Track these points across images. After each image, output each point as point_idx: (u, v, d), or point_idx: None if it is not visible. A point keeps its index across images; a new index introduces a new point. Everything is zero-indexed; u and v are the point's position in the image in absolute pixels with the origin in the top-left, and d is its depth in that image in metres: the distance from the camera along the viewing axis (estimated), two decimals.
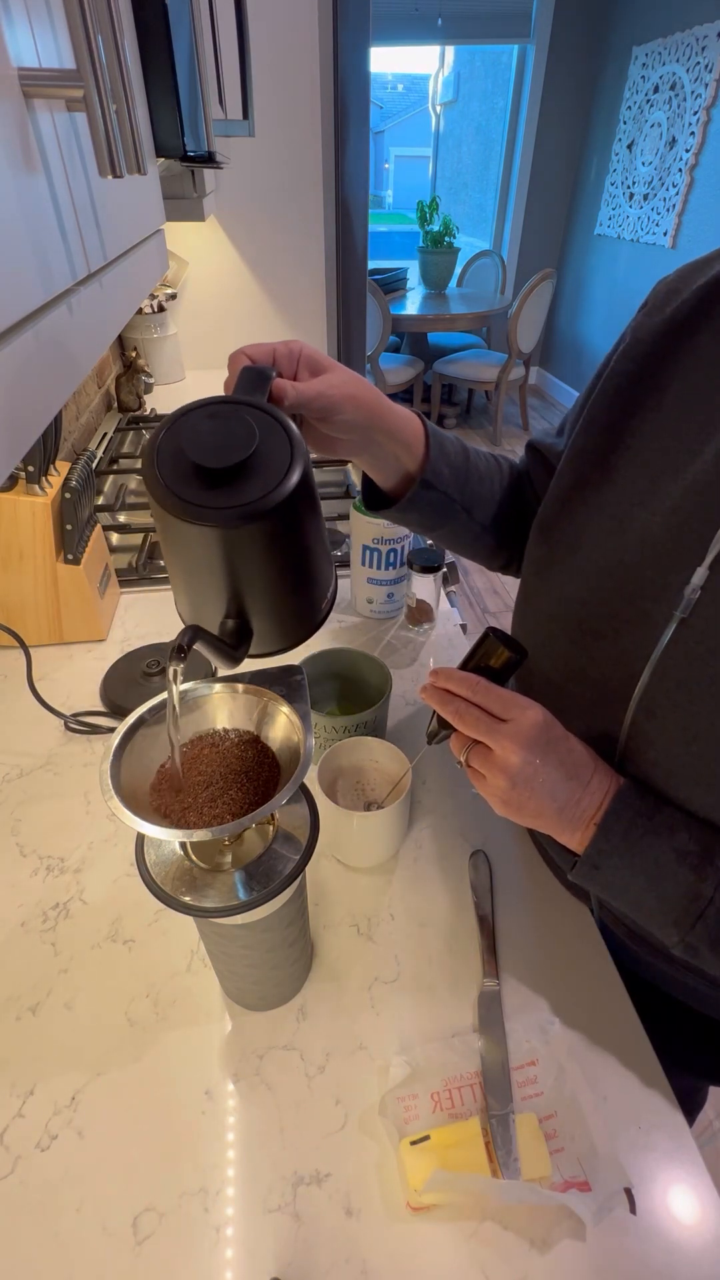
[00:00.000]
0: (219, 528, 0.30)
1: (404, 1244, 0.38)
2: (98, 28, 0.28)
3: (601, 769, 0.42)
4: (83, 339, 0.36)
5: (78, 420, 1.28)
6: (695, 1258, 0.38)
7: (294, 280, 1.71)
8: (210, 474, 0.31)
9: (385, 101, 13.57)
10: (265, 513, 0.30)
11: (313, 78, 1.46)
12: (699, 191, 3.00)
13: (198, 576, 0.35)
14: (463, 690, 0.43)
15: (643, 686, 0.41)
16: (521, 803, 0.41)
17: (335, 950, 0.53)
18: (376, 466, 0.52)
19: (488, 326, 4.10)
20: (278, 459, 0.31)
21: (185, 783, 0.38)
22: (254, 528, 0.30)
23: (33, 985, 0.50)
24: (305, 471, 0.32)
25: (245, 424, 0.31)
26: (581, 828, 0.41)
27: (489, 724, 0.41)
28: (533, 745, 0.40)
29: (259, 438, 0.31)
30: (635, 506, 0.43)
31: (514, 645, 0.43)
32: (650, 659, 0.41)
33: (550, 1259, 0.38)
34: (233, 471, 0.31)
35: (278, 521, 0.31)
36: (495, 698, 0.42)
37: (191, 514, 0.30)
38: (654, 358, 0.44)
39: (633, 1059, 0.46)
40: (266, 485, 0.31)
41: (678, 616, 0.39)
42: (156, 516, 0.32)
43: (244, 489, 0.30)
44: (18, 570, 0.75)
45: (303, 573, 0.36)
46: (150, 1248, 0.38)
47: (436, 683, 0.44)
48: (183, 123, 0.59)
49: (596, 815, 0.41)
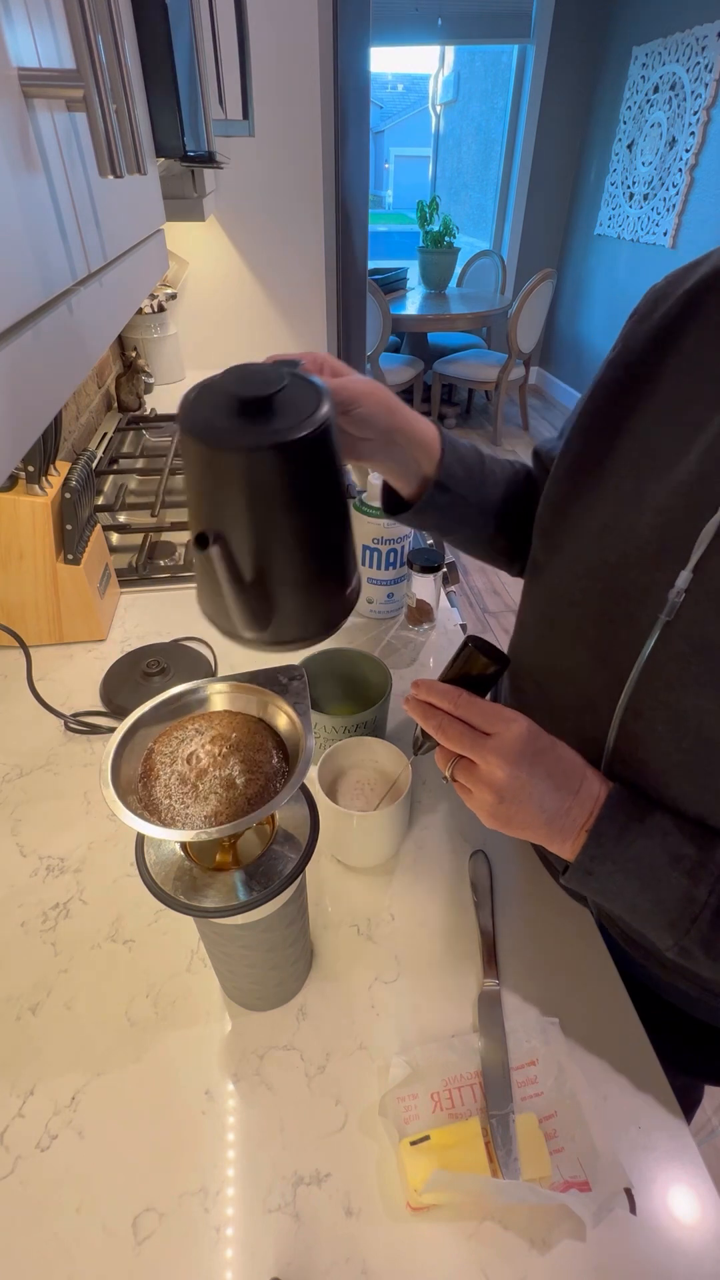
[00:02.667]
0: (244, 451, 0.31)
1: (404, 1244, 0.38)
2: (98, 28, 0.28)
3: (591, 776, 0.42)
4: (83, 339, 0.36)
5: (78, 420, 1.28)
6: (695, 1258, 0.38)
7: (294, 280, 1.71)
8: (242, 405, 0.32)
9: (385, 101, 13.57)
10: (290, 442, 0.31)
11: (313, 78, 1.46)
12: (699, 191, 3.00)
13: (225, 524, 0.34)
14: (444, 704, 0.42)
15: (630, 688, 0.42)
16: (510, 816, 0.41)
17: (335, 950, 0.53)
18: (396, 471, 0.53)
19: (488, 326, 4.10)
20: (306, 405, 0.33)
21: (189, 775, 0.38)
22: (277, 456, 0.31)
23: (33, 985, 0.50)
24: (329, 418, 0.33)
25: (276, 372, 0.33)
26: (573, 836, 0.41)
27: (473, 738, 0.41)
28: (518, 759, 0.40)
29: (288, 381, 0.33)
30: (623, 509, 0.43)
31: (495, 654, 0.43)
32: (637, 661, 0.41)
33: (550, 1259, 0.38)
34: (263, 404, 0.32)
35: (301, 453, 0.32)
36: (478, 711, 0.41)
37: (221, 440, 0.31)
38: (642, 363, 0.45)
39: (632, 1059, 0.46)
40: (292, 420, 0.32)
41: (662, 620, 0.39)
42: (190, 461, 0.33)
43: (272, 423, 0.32)
44: (18, 570, 0.75)
45: (325, 532, 0.36)
46: (150, 1248, 0.38)
47: (418, 695, 0.43)
48: (183, 123, 0.59)
49: (588, 822, 0.40)
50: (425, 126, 6.69)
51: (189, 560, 0.98)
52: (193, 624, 0.87)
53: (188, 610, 0.90)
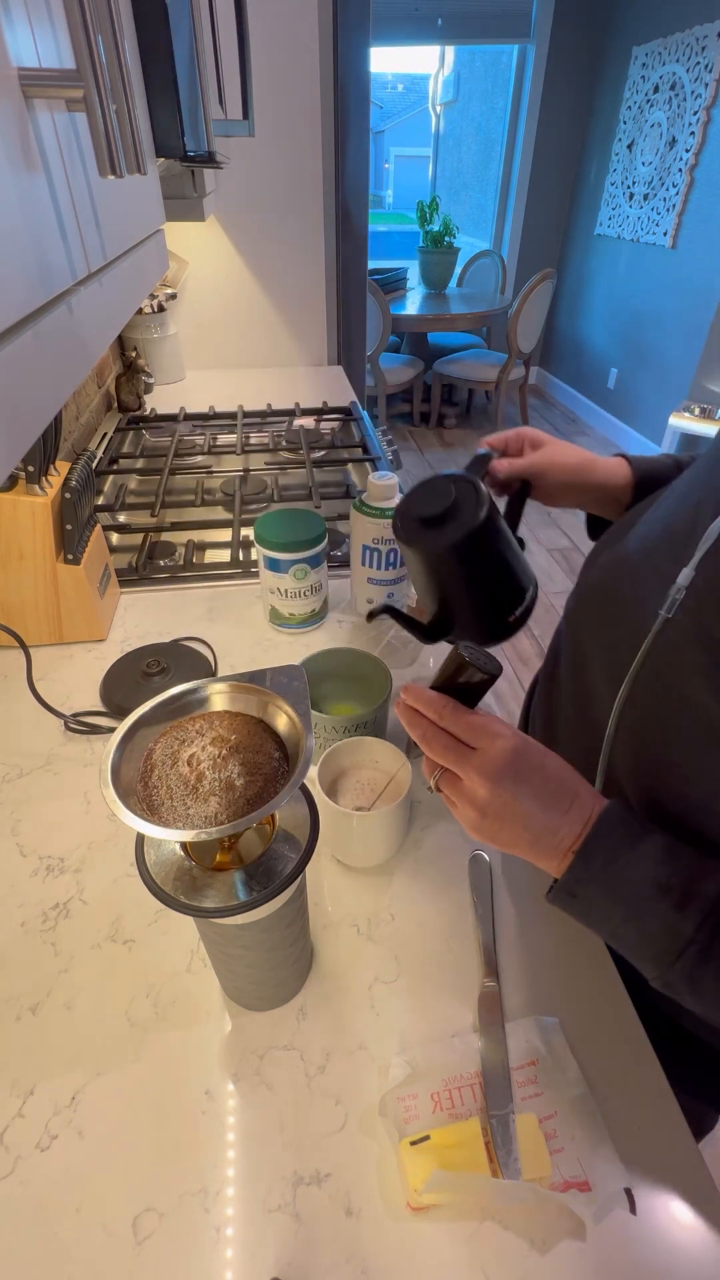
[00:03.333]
0: (423, 549, 0.47)
1: (404, 1244, 0.38)
2: (98, 28, 0.28)
3: (584, 795, 0.40)
4: (83, 339, 0.36)
5: (78, 420, 1.28)
6: (695, 1258, 0.38)
7: (294, 280, 1.71)
8: (422, 521, 0.47)
9: (385, 101, 13.56)
10: (454, 545, 0.45)
11: (313, 77, 1.46)
12: (699, 191, 3.00)
13: (420, 583, 0.52)
14: (430, 713, 0.41)
15: (630, 678, 0.42)
16: (493, 834, 0.40)
17: (335, 950, 0.53)
18: (597, 507, 0.63)
19: (488, 326, 4.10)
20: (467, 513, 0.46)
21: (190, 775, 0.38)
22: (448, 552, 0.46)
23: (33, 985, 0.50)
24: (481, 521, 0.45)
25: (447, 488, 0.47)
26: (559, 856, 0.39)
27: (457, 752, 0.40)
28: (500, 778, 0.39)
29: (454, 498, 0.46)
30: (652, 505, 0.46)
31: (485, 664, 0.41)
32: (639, 651, 0.41)
33: (550, 1259, 0.38)
34: (436, 519, 0.46)
35: (461, 547, 0.45)
36: (464, 725, 0.41)
37: (409, 541, 0.48)
38: None
39: (633, 1059, 0.46)
40: (458, 528, 0.45)
41: (662, 615, 0.40)
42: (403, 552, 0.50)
43: (445, 530, 0.46)
44: (18, 570, 0.75)
45: (480, 587, 0.49)
46: (150, 1248, 0.38)
47: (406, 700, 0.43)
48: (183, 123, 0.59)
49: (576, 844, 0.39)
50: (425, 126, 6.69)
51: (189, 560, 0.98)
52: (193, 624, 0.87)
53: (188, 610, 0.90)
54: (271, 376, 1.78)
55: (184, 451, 1.29)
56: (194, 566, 0.97)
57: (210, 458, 1.28)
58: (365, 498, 0.79)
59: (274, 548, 0.79)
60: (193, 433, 1.40)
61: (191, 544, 1.01)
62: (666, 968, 0.36)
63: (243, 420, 1.43)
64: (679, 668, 0.39)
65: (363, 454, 1.29)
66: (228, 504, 1.11)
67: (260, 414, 1.47)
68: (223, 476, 1.22)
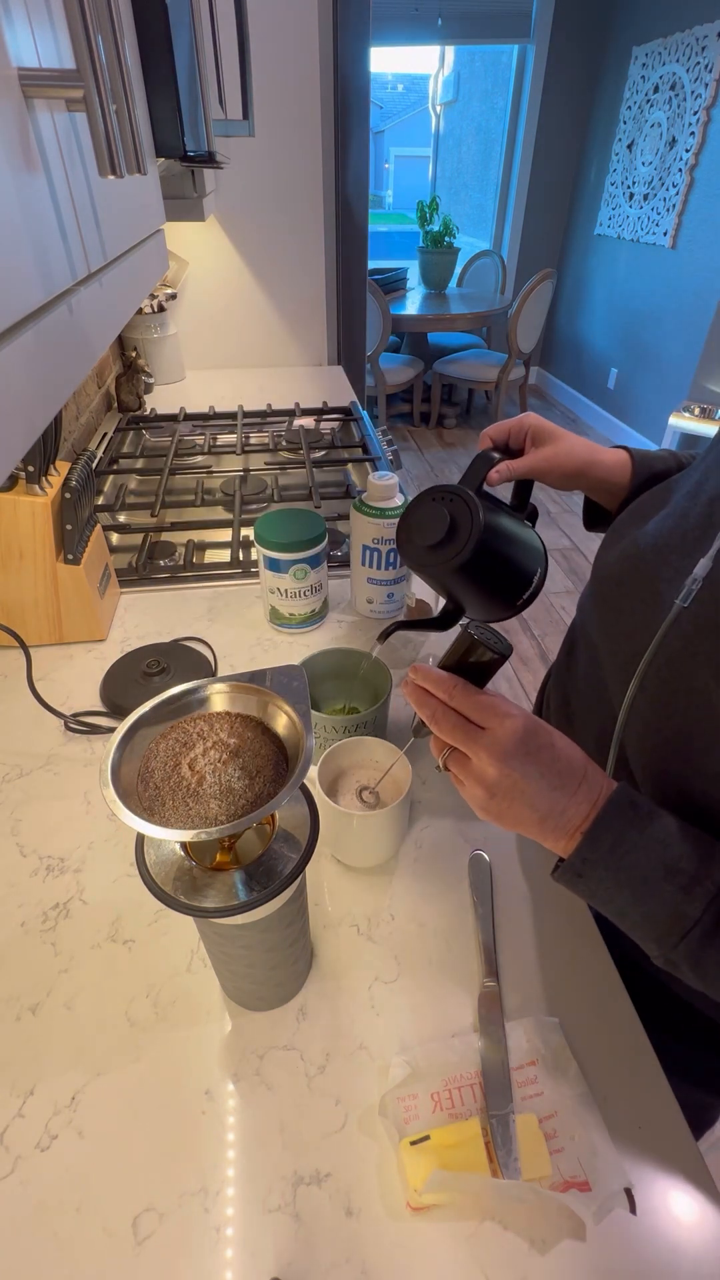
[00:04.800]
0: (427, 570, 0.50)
1: (404, 1244, 0.38)
2: (98, 28, 0.28)
3: (592, 776, 0.40)
4: (83, 339, 0.36)
5: (78, 420, 1.28)
6: (695, 1258, 0.38)
7: (294, 280, 1.71)
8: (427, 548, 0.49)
9: (385, 101, 13.56)
10: (457, 567, 0.47)
11: (313, 78, 1.45)
12: (699, 191, 3.00)
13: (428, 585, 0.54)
14: (439, 693, 0.42)
15: (644, 664, 0.43)
16: (501, 812, 0.40)
17: (335, 950, 0.53)
18: (599, 496, 0.63)
19: (488, 326, 4.10)
20: (463, 531, 0.47)
21: (192, 775, 0.38)
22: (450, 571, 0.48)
23: (33, 985, 0.50)
24: (475, 541, 0.46)
25: (440, 511, 0.48)
26: (566, 836, 0.39)
27: (466, 731, 0.40)
28: (509, 757, 0.39)
29: (449, 521, 0.47)
30: (670, 492, 0.47)
31: (495, 643, 0.41)
32: (653, 640, 0.42)
33: (550, 1259, 0.38)
34: (437, 545, 0.48)
35: (462, 568, 0.47)
36: (473, 704, 0.41)
37: (415, 567, 0.50)
38: None
39: (632, 1058, 0.46)
40: (457, 552, 0.47)
41: (678, 605, 0.41)
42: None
43: (445, 552, 0.47)
44: (18, 570, 0.75)
45: (487, 586, 0.51)
46: (150, 1248, 0.38)
47: (415, 679, 0.43)
48: (183, 123, 0.59)
49: (584, 824, 0.39)
50: (425, 126, 6.69)
51: (189, 560, 0.98)
52: (193, 624, 0.87)
53: (188, 610, 0.90)
54: (271, 376, 1.78)
55: (184, 451, 1.29)
56: (194, 566, 0.97)
57: (210, 458, 1.28)
58: (365, 498, 0.79)
59: (274, 548, 0.79)
60: (193, 433, 1.40)
61: (191, 544, 1.01)
62: (670, 947, 0.37)
63: (243, 420, 1.43)
64: (692, 657, 0.40)
65: (363, 454, 1.29)
66: (228, 504, 1.11)
67: (260, 414, 1.47)
68: (223, 476, 1.22)
